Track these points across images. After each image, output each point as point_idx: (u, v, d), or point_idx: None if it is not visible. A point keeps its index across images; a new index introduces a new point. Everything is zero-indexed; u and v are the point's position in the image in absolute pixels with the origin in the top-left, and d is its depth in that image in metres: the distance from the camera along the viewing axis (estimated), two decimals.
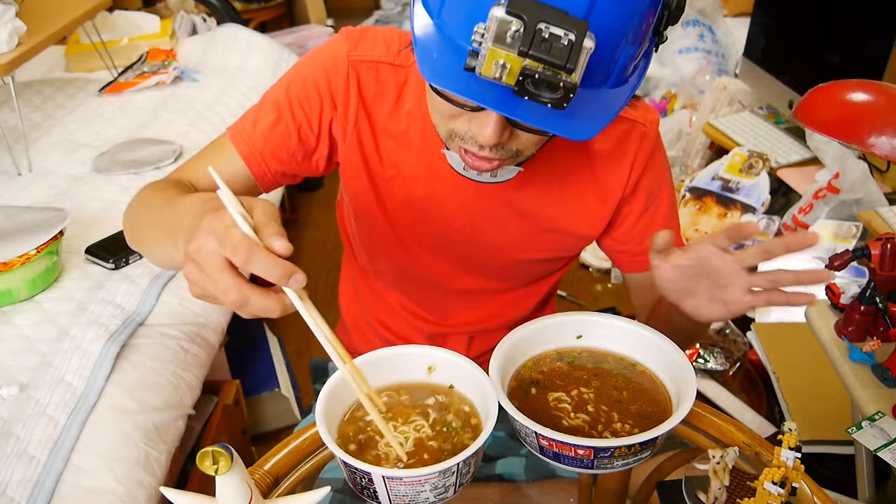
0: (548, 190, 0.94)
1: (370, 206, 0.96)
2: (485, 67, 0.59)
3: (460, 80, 0.64)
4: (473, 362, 0.73)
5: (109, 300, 1.33)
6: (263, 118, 0.91)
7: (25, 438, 1.06)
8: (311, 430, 0.78)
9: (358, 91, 0.89)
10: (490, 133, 0.71)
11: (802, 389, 1.55)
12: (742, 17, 2.87)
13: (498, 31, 0.58)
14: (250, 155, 0.90)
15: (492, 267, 1.01)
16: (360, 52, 0.89)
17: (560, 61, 0.58)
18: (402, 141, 0.91)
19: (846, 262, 0.97)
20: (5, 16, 1.69)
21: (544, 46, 0.57)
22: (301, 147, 0.91)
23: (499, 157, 0.77)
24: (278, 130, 0.90)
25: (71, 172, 1.78)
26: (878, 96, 1.00)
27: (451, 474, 0.64)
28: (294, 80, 0.90)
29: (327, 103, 0.90)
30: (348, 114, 0.90)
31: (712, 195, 2.28)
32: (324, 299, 2.40)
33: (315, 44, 3.44)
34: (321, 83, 0.89)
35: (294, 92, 0.90)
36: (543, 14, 0.57)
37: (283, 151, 0.91)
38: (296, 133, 0.90)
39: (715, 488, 0.68)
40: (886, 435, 0.91)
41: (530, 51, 0.57)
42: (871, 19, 1.86)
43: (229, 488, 0.59)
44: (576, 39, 0.57)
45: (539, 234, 0.97)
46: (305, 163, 0.93)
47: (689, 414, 0.69)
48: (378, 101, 0.90)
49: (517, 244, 0.98)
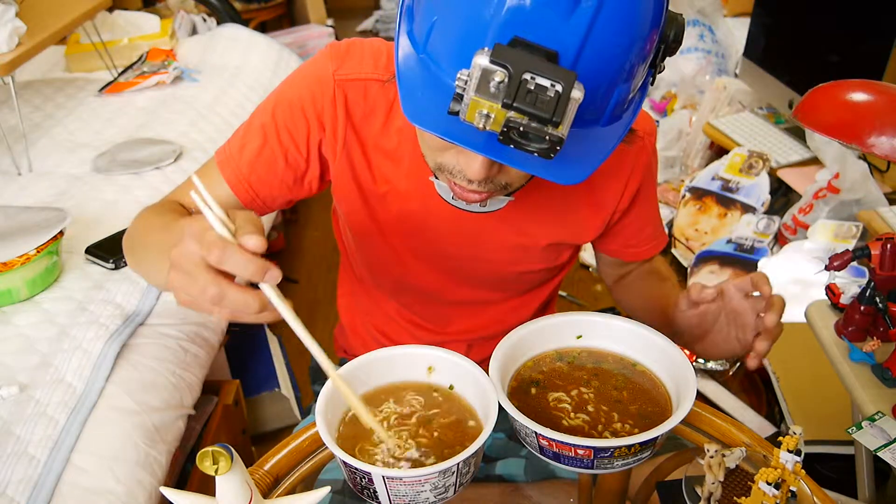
0: (542, 206, 0.93)
1: (364, 223, 0.96)
2: (468, 115, 0.57)
3: (445, 121, 0.60)
4: (473, 362, 0.73)
5: (109, 300, 1.33)
6: (250, 143, 0.89)
7: (25, 438, 1.06)
8: (311, 430, 0.78)
9: (345, 111, 0.87)
10: (478, 169, 0.69)
11: (802, 389, 1.55)
12: (742, 17, 2.87)
13: (481, 81, 0.55)
14: (237, 183, 0.89)
15: (489, 279, 1.01)
16: (345, 70, 0.86)
17: (546, 114, 0.54)
18: (393, 157, 0.90)
19: (846, 262, 0.97)
20: (5, 16, 1.69)
21: (529, 98, 0.54)
22: (290, 171, 0.90)
23: (487, 191, 0.75)
24: (265, 156, 0.89)
25: (71, 172, 1.78)
26: (878, 96, 1.00)
27: (451, 474, 0.64)
28: (280, 102, 0.89)
29: (315, 125, 0.88)
30: (337, 134, 0.88)
31: (712, 195, 2.28)
32: (324, 299, 2.40)
33: (315, 44, 3.44)
34: (307, 105, 0.87)
35: (280, 115, 0.88)
36: (529, 63, 0.55)
37: (272, 176, 0.90)
38: (283, 158, 0.89)
39: (709, 482, 0.68)
40: (886, 435, 0.91)
41: (514, 103, 0.55)
42: (871, 19, 1.86)
43: (229, 488, 0.59)
44: (563, 91, 0.54)
45: (534, 248, 0.97)
46: (297, 186, 0.92)
47: (689, 414, 0.69)
48: (368, 120, 0.88)
49: (513, 258, 0.98)
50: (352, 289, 1.13)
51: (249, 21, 3.49)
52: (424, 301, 1.05)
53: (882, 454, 0.89)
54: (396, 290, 1.05)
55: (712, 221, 2.27)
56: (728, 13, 2.97)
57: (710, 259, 2.12)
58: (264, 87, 2.35)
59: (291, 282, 2.50)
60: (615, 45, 0.61)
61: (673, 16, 0.66)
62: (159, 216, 0.84)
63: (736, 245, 2.10)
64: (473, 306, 1.06)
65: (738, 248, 2.10)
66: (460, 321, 1.07)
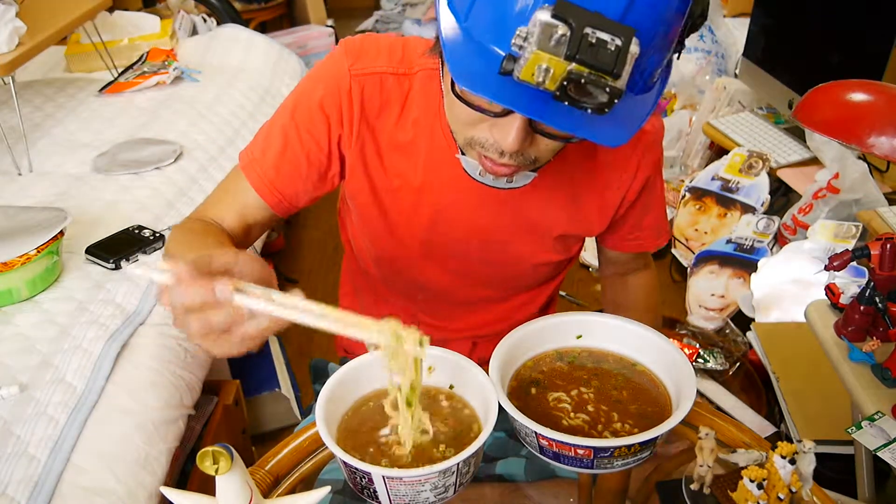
0: (554, 197, 0.94)
1: (375, 218, 0.96)
2: (524, 71, 0.58)
3: (493, 84, 0.62)
4: (473, 362, 0.73)
5: (109, 300, 1.33)
6: (272, 146, 0.91)
7: (25, 438, 1.06)
8: (311, 430, 0.78)
9: (361, 105, 0.88)
10: (512, 140, 0.70)
11: (802, 389, 1.55)
12: (742, 17, 2.87)
13: (542, 36, 0.57)
14: (263, 187, 0.91)
15: (498, 274, 1.02)
16: (361, 65, 0.88)
17: (608, 67, 0.57)
18: (408, 151, 0.91)
19: (846, 262, 0.97)
20: (5, 16, 1.69)
21: (591, 52, 0.57)
22: (313, 170, 0.91)
23: (517, 164, 0.76)
24: (288, 157, 0.90)
25: (71, 172, 1.78)
26: (878, 96, 1.00)
27: (451, 474, 0.64)
28: (299, 102, 0.90)
29: (334, 122, 0.89)
30: (352, 129, 0.89)
31: (712, 195, 2.28)
32: (324, 299, 2.38)
33: (315, 44, 3.44)
34: (326, 103, 0.88)
35: (300, 116, 0.89)
36: (589, 19, 0.57)
37: (296, 177, 0.91)
38: (305, 158, 0.90)
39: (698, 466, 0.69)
40: (886, 435, 0.91)
41: (577, 55, 0.57)
42: (871, 19, 1.86)
43: (229, 488, 0.59)
44: (622, 45, 0.57)
45: (544, 240, 0.98)
46: (321, 183, 0.93)
47: (689, 414, 0.69)
48: (383, 113, 0.89)
49: (525, 250, 0.98)
50: (355, 286, 1.13)
51: (249, 21, 3.49)
52: (432, 298, 1.05)
53: (882, 454, 0.89)
54: (404, 287, 1.06)
55: (712, 221, 2.27)
56: (728, 13, 2.97)
57: (710, 259, 2.12)
58: (264, 87, 2.35)
59: (291, 282, 2.50)
60: (654, 10, 0.62)
61: None
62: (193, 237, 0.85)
63: (736, 245, 2.10)
64: (481, 303, 1.06)
65: (737, 248, 2.09)
66: (466, 318, 1.08)
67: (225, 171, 1.86)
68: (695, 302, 2.07)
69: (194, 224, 0.90)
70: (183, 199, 1.69)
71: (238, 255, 0.65)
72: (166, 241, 0.93)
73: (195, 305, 0.60)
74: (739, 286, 2.03)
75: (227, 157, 1.92)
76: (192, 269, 0.60)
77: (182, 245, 0.82)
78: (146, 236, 1.49)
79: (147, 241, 1.47)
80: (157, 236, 1.49)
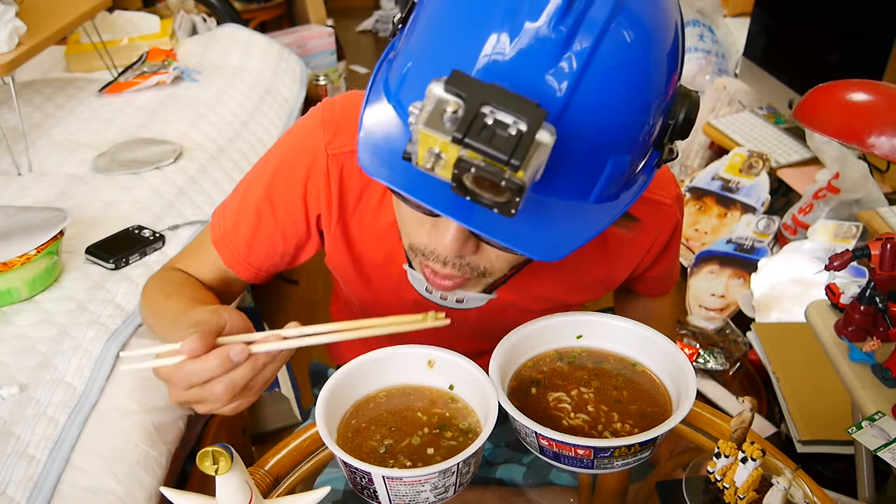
0: (554, 274, 0.89)
1: (361, 291, 0.93)
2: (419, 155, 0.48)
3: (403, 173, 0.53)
4: (473, 362, 0.73)
5: (109, 300, 1.33)
6: (244, 221, 0.86)
7: (25, 438, 1.06)
8: (311, 430, 0.78)
9: (339, 188, 0.82)
10: (449, 241, 0.62)
11: (802, 389, 1.55)
12: (742, 17, 2.87)
13: (433, 112, 0.47)
14: (236, 263, 0.89)
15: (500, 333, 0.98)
16: (339, 143, 0.81)
17: (502, 155, 0.45)
18: (392, 230, 0.83)
19: (846, 262, 0.97)
20: (5, 16, 1.69)
21: (485, 134, 0.45)
22: (290, 244, 0.88)
23: (461, 275, 0.69)
24: (262, 234, 0.86)
25: (71, 172, 1.78)
26: (878, 96, 1.00)
27: (451, 474, 0.64)
28: (276, 175, 0.84)
29: (312, 201, 0.84)
30: (331, 212, 0.84)
31: (712, 195, 2.28)
32: (323, 299, 2.40)
33: (315, 44, 3.44)
34: (301, 183, 0.83)
35: (275, 193, 0.84)
36: (492, 96, 0.46)
37: (271, 250, 0.88)
38: (280, 235, 0.86)
39: None
40: (886, 435, 0.91)
41: (465, 138, 0.45)
42: (871, 19, 1.86)
43: (229, 488, 0.59)
44: (526, 130, 0.45)
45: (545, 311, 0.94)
46: (299, 253, 0.90)
47: (690, 414, 0.69)
48: (365, 194, 0.83)
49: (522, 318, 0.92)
50: (346, 307, 1.09)
51: (249, 21, 3.49)
52: None
53: (882, 454, 0.89)
54: None
55: (712, 221, 2.27)
56: (728, 13, 2.97)
57: (710, 259, 2.12)
58: (264, 87, 2.35)
59: (291, 282, 2.50)
60: (607, 105, 0.53)
61: (685, 91, 0.61)
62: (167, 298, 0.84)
63: (736, 245, 2.10)
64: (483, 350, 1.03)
65: (738, 248, 2.10)
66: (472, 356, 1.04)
67: (225, 171, 1.88)
68: (695, 302, 2.07)
69: (173, 275, 0.90)
70: (183, 199, 1.69)
71: (222, 313, 0.66)
72: (143, 293, 0.90)
73: (217, 373, 0.62)
74: (739, 286, 2.03)
75: (227, 157, 1.92)
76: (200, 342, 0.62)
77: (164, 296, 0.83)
78: (146, 236, 1.49)
79: (147, 241, 1.47)
80: (156, 236, 1.49)
